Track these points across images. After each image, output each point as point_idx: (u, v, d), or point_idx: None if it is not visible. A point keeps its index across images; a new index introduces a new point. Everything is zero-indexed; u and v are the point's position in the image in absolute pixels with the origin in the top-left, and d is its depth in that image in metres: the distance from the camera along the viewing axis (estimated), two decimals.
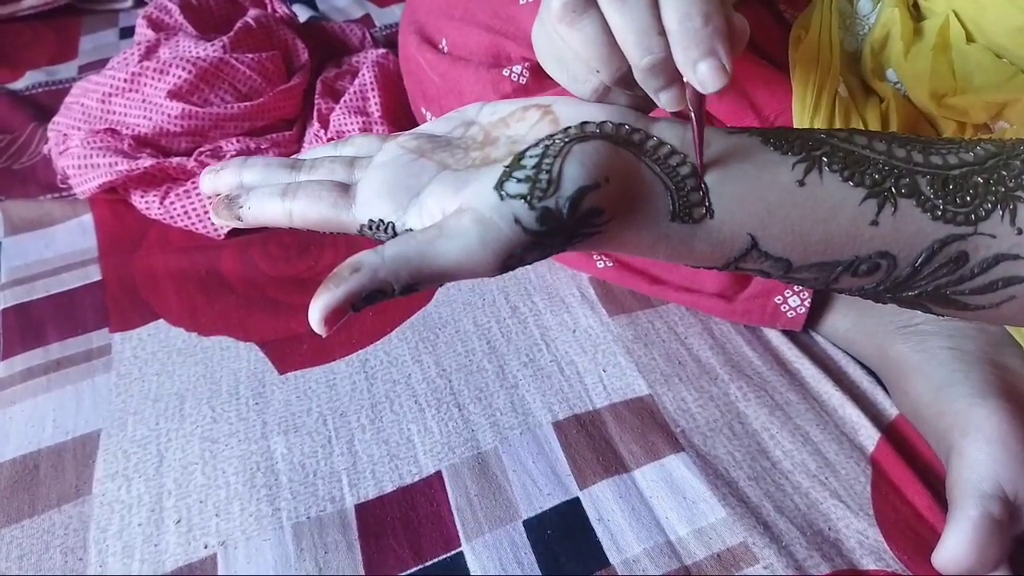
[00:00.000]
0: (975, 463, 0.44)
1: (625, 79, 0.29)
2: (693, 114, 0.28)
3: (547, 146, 0.28)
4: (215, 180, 0.34)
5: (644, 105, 0.31)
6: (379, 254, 0.25)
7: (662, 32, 0.27)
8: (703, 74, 0.26)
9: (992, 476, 0.43)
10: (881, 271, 0.30)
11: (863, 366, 0.56)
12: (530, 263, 0.28)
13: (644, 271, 0.61)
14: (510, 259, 0.26)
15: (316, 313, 0.24)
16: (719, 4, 0.27)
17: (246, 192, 0.32)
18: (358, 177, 0.32)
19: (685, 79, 0.27)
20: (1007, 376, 0.48)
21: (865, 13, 0.54)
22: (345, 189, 0.31)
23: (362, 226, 0.30)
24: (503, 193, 0.26)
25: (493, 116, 0.33)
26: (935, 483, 0.48)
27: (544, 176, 0.26)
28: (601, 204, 0.27)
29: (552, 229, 0.26)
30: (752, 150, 0.30)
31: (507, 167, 0.27)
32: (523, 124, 0.32)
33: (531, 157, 0.27)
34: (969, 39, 0.48)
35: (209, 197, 0.37)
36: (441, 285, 0.27)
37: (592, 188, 0.27)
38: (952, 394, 0.47)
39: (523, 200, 0.26)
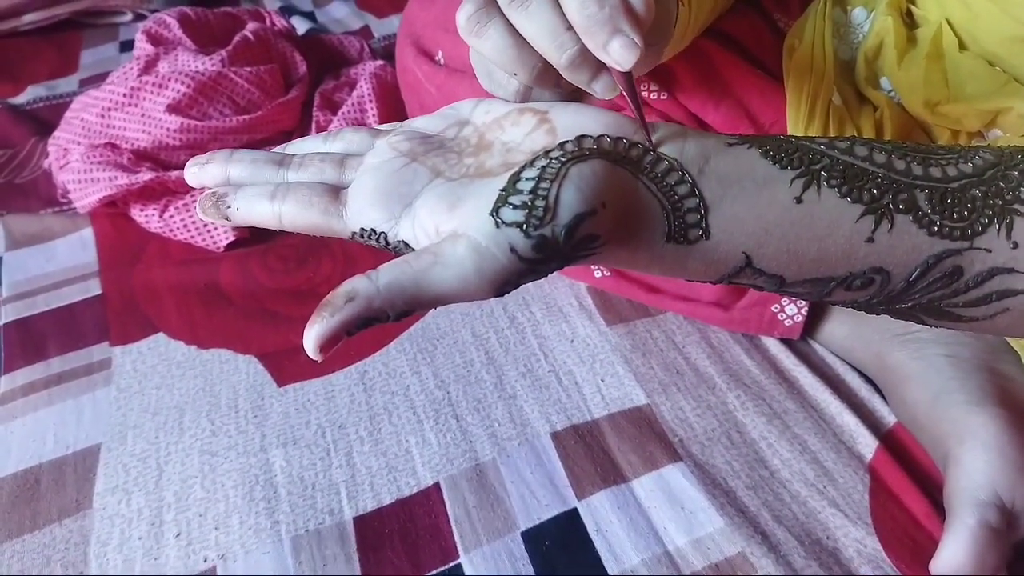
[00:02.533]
0: (972, 471, 0.44)
1: (543, 77, 0.30)
2: (627, 96, 0.29)
3: (543, 167, 0.27)
4: (200, 173, 0.34)
5: (574, 96, 0.32)
6: (373, 282, 0.25)
7: (571, 27, 0.28)
8: (615, 53, 0.27)
9: (989, 484, 0.43)
10: (875, 286, 0.29)
11: (861, 374, 0.56)
12: (524, 284, 0.27)
13: (641, 280, 0.61)
14: (506, 285, 0.26)
15: (311, 342, 0.24)
16: None
17: (234, 190, 0.32)
18: (349, 178, 0.32)
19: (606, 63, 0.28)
20: (1004, 383, 0.48)
21: (859, 22, 0.54)
22: (335, 193, 0.31)
23: (354, 234, 0.30)
24: (499, 220, 0.26)
25: (487, 116, 0.33)
26: (933, 491, 0.48)
27: (540, 203, 0.26)
28: (597, 230, 0.27)
29: (548, 256, 0.26)
30: (751, 164, 0.29)
31: (502, 190, 0.27)
32: (518, 129, 0.31)
33: (527, 180, 0.27)
34: (962, 47, 0.48)
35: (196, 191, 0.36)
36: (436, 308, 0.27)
37: (589, 215, 0.26)
38: (949, 401, 0.47)
39: (519, 228, 0.26)
